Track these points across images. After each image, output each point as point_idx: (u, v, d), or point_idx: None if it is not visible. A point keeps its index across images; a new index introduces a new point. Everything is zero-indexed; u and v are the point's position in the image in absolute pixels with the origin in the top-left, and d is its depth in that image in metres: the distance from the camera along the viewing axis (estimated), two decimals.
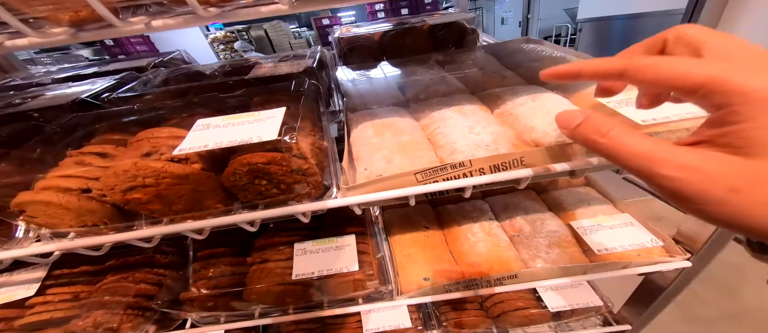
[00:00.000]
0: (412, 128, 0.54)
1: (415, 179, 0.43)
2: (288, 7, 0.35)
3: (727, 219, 0.20)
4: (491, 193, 0.83)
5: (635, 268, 0.63)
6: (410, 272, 0.67)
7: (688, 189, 0.21)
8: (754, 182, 0.19)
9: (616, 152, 0.24)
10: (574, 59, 0.68)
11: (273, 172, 0.42)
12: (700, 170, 0.21)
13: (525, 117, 0.51)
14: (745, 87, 0.20)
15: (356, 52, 0.94)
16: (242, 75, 0.68)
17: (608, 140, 0.24)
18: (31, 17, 0.34)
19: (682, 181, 0.21)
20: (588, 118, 0.26)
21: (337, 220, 0.71)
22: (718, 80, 0.20)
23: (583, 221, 0.69)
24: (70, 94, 0.66)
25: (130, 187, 0.41)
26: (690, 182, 0.21)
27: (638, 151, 0.23)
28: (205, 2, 0.34)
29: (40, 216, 0.42)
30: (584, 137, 0.26)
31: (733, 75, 0.20)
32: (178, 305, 0.62)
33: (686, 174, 0.21)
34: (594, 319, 0.89)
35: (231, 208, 0.48)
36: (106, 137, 0.52)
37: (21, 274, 0.61)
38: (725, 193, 0.20)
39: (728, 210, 0.20)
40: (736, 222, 0.20)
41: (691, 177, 0.21)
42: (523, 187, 0.45)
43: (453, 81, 0.69)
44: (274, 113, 0.43)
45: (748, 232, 0.20)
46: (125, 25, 0.34)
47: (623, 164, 0.24)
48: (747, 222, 0.20)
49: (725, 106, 0.21)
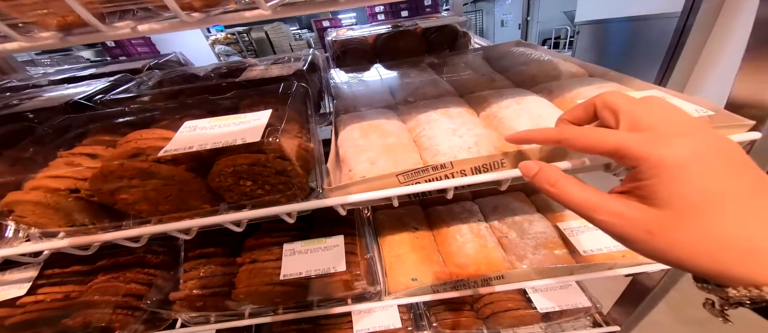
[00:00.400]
0: (398, 130, 0.55)
1: (397, 181, 0.44)
2: (270, 12, 0.36)
3: (650, 254, 0.25)
4: (481, 195, 0.84)
5: (621, 269, 0.64)
6: (398, 272, 0.68)
7: (618, 230, 0.26)
8: (663, 227, 0.24)
9: (562, 199, 0.30)
10: (562, 63, 0.69)
11: (257, 173, 0.43)
12: (624, 216, 0.26)
13: (509, 119, 0.52)
14: (644, 153, 0.25)
15: (350, 55, 0.95)
16: (234, 77, 0.69)
17: (556, 189, 0.30)
18: (21, 22, 0.35)
19: (613, 224, 0.26)
20: (541, 169, 0.32)
21: (328, 221, 0.71)
22: (623, 148, 0.26)
23: (571, 222, 0.70)
24: (65, 96, 0.67)
25: (117, 187, 0.42)
26: (619, 225, 0.26)
27: (578, 199, 0.28)
28: (189, 7, 0.35)
29: (28, 216, 0.43)
30: (539, 184, 0.32)
31: (633, 144, 0.25)
32: (167, 305, 0.63)
33: (615, 218, 0.26)
34: (584, 320, 0.89)
35: (217, 208, 0.49)
36: (97, 138, 0.53)
37: (12, 274, 0.62)
38: (644, 234, 0.24)
39: (649, 247, 0.25)
40: (657, 257, 0.25)
41: (618, 221, 0.26)
42: (505, 188, 0.46)
43: (442, 84, 0.70)
44: (260, 115, 0.44)
45: (667, 264, 0.25)
46: (111, 29, 0.35)
47: (568, 208, 0.29)
48: (665, 257, 0.24)
49: (634, 167, 0.26)
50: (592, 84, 0.56)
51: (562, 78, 0.64)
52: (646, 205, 0.25)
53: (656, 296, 0.71)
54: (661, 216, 0.24)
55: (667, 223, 0.24)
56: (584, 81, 0.59)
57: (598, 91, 0.54)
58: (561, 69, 0.66)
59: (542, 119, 0.49)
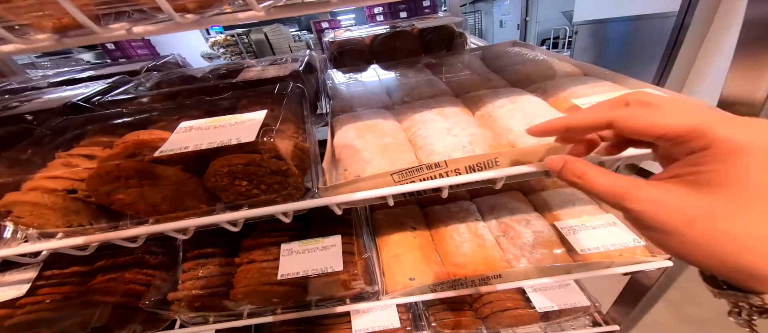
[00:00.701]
0: (394, 130, 0.56)
1: (392, 180, 0.44)
2: (263, 13, 0.36)
3: (680, 249, 0.23)
4: (479, 194, 0.84)
5: (618, 268, 0.64)
6: (396, 272, 0.68)
7: (651, 219, 0.24)
8: (710, 215, 0.22)
9: (591, 189, 0.29)
10: (557, 62, 0.70)
11: (252, 173, 0.43)
12: (662, 203, 0.24)
13: (503, 119, 0.52)
14: (727, 135, 0.22)
15: (347, 56, 0.96)
16: (232, 78, 0.70)
17: (583, 181, 0.29)
18: (17, 24, 0.36)
19: (646, 213, 0.25)
20: (566, 163, 0.32)
21: (325, 221, 0.72)
22: (703, 127, 0.23)
23: (568, 221, 0.70)
24: (63, 98, 0.68)
25: (114, 188, 0.43)
26: (653, 214, 0.24)
27: (607, 187, 0.27)
28: (183, 9, 0.35)
29: (26, 216, 0.44)
30: (566, 178, 0.32)
31: (716, 124, 0.23)
32: (166, 305, 0.63)
33: (649, 206, 0.24)
34: (583, 319, 0.89)
35: (214, 208, 0.49)
36: (94, 139, 0.53)
37: (12, 275, 0.62)
38: (683, 224, 0.23)
39: (683, 240, 0.23)
40: (688, 251, 0.23)
41: (653, 209, 0.24)
42: (499, 187, 0.46)
43: (438, 84, 0.70)
44: (255, 116, 0.44)
45: (696, 262, 0.23)
46: (106, 31, 0.35)
47: (599, 198, 0.28)
48: (698, 251, 0.22)
49: (703, 149, 0.23)
50: (586, 83, 0.57)
51: (556, 77, 0.64)
52: (695, 192, 0.23)
53: (654, 295, 0.71)
54: (713, 203, 0.22)
55: (718, 209, 0.22)
56: (579, 80, 0.59)
57: (592, 90, 0.54)
58: (556, 68, 0.66)
59: (536, 118, 0.49)
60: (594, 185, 0.28)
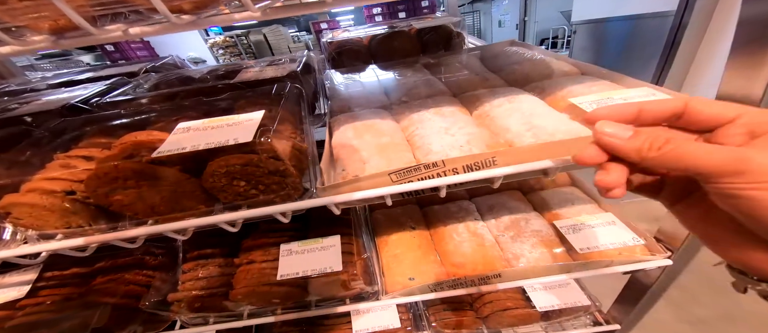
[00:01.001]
0: (392, 130, 0.56)
1: (389, 179, 0.44)
2: (259, 14, 0.36)
3: None
4: (478, 194, 0.84)
5: (617, 267, 0.64)
6: (396, 272, 0.68)
7: None
8: None
9: (687, 164, 0.23)
10: (555, 62, 0.70)
11: (250, 173, 0.43)
12: None
13: (501, 118, 0.52)
14: None
15: (345, 56, 0.96)
16: (230, 79, 0.70)
17: (673, 153, 0.23)
18: (13, 26, 0.36)
19: None
20: (637, 134, 0.26)
21: (325, 221, 0.71)
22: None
23: (567, 220, 0.70)
24: (61, 99, 0.68)
25: (112, 188, 0.43)
26: None
27: (719, 160, 0.22)
28: (179, 10, 0.35)
29: (25, 218, 0.44)
30: (639, 157, 0.26)
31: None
32: (166, 306, 0.63)
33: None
34: (584, 318, 0.89)
35: (212, 209, 0.49)
36: (92, 140, 0.53)
37: (12, 277, 0.62)
38: None
39: None
40: None
41: None
42: (497, 186, 0.46)
43: (436, 83, 0.70)
44: (252, 116, 0.44)
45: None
46: (102, 32, 0.35)
47: (699, 176, 0.23)
48: None
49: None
50: (584, 82, 0.57)
51: (554, 76, 0.64)
52: None
53: (655, 294, 0.71)
54: None
55: None
56: (576, 79, 0.59)
57: (590, 89, 0.54)
58: (553, 67, 0.66)
59: (534, 117, 0.49)
60: (692, 157, 0.22)
